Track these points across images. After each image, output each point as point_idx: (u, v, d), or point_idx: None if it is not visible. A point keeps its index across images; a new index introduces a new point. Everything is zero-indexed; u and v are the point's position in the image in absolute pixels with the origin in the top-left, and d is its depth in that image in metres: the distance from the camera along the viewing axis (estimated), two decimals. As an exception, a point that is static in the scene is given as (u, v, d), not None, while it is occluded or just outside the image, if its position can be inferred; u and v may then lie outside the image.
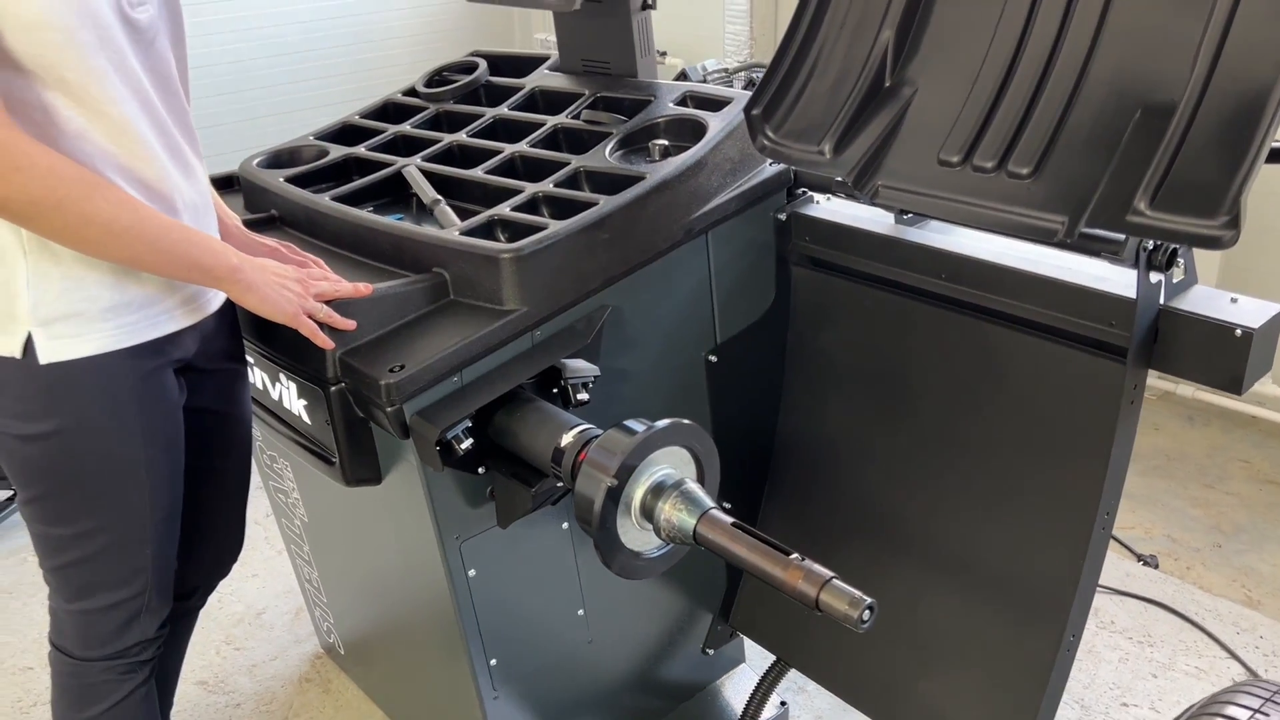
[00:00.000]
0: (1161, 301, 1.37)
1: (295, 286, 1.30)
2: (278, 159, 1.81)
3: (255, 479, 1.68)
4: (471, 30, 4.30)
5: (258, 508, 2.42)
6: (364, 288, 1.36)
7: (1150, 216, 1.18)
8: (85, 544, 1.30)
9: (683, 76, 3.48)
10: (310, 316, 1.30)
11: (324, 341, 1.32)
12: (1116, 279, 1.39)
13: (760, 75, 3.42)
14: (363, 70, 4.00)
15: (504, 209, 1.52)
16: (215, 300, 1.36)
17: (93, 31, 1.10)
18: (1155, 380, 3.06)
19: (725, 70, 3.49)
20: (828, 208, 1.70)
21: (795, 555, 1.08)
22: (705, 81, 3.47)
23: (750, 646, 2.03)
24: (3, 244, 1.15)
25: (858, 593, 1.06)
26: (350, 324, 1.34)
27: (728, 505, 1.40)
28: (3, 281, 1.16)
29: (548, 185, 1.57)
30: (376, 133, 1.86)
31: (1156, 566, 2.49)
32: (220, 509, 1.55)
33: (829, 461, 1.84)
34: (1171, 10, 1.22)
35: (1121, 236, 1.27)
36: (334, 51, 4.03)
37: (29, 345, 1.17)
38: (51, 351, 1.18)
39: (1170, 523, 2.65)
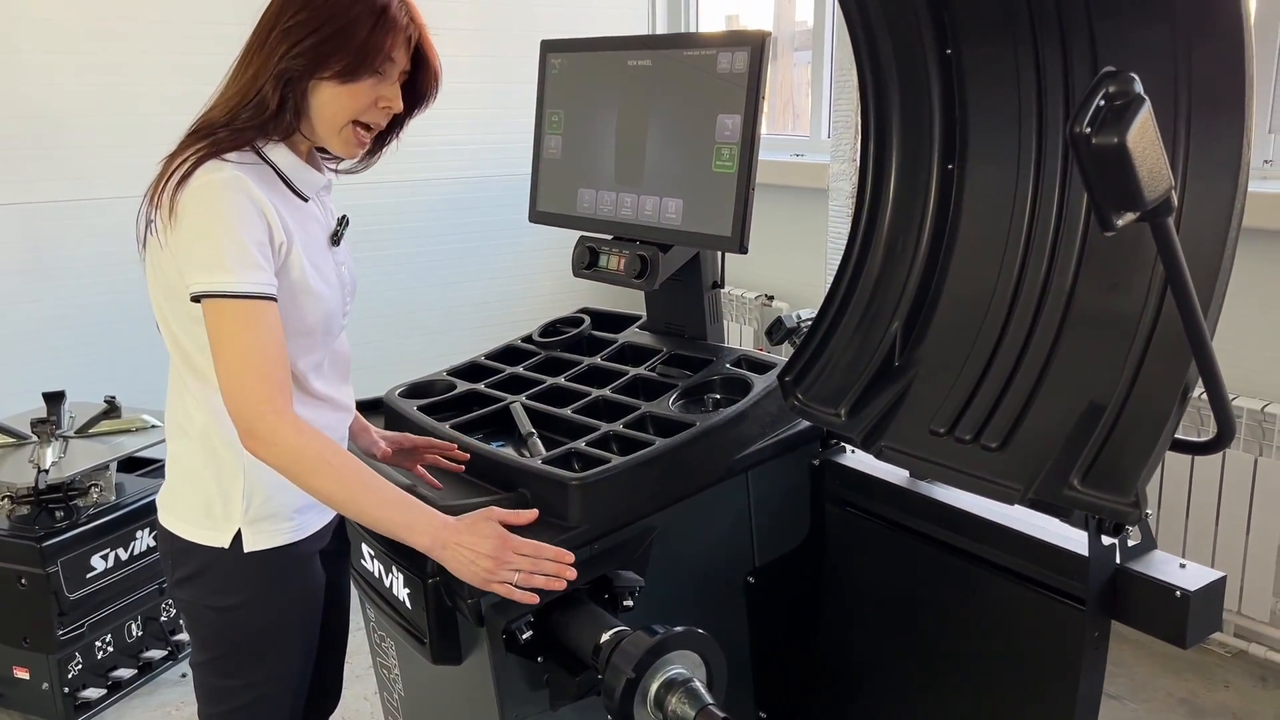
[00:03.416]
0: (1118, 561, 1.61)
1: (486, 562, 1.48)
2: (415, 389, 2.27)
3: (366, 658, 2.01)
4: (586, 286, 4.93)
5: (368, 685, 2.75)
6: (566, 554, 1.54)
7: (1080, 491, 1.46)
8: (245, 694, 1.64)
9: (778, 323, 3.91)
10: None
11: (523, 597, 1.50)
12: (1080, 538, 1.64)
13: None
14: (499, 319, 4.71)
15: (580, 443, 1.89)
16: None
17: (314, 336, 1.56)
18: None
19: (816, 319, 3.89)
20: (855, 458, 2.01)
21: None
22: (799, 328, 3.89)
23: None
24: (224, 461, 1.55)
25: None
26: (549, 583, 1.52)
27: (764, 715, 1.61)
28: (224, 490, 1.56)
29: (619, 426, 1.94)
30: (496, 371, 2.30)
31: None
32: (327, 661, 1.88)
33: (858, 680, 2.06)
34: (1106, 337, 1.54)
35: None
36: (478, 302, 4.77)
37: (237, 539, 1.57)
38: (253, 544, 1.57)
39: (1230, 783, 2.67)
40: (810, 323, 3.95)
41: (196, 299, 1.43)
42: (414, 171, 4.30)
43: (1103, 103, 1.12)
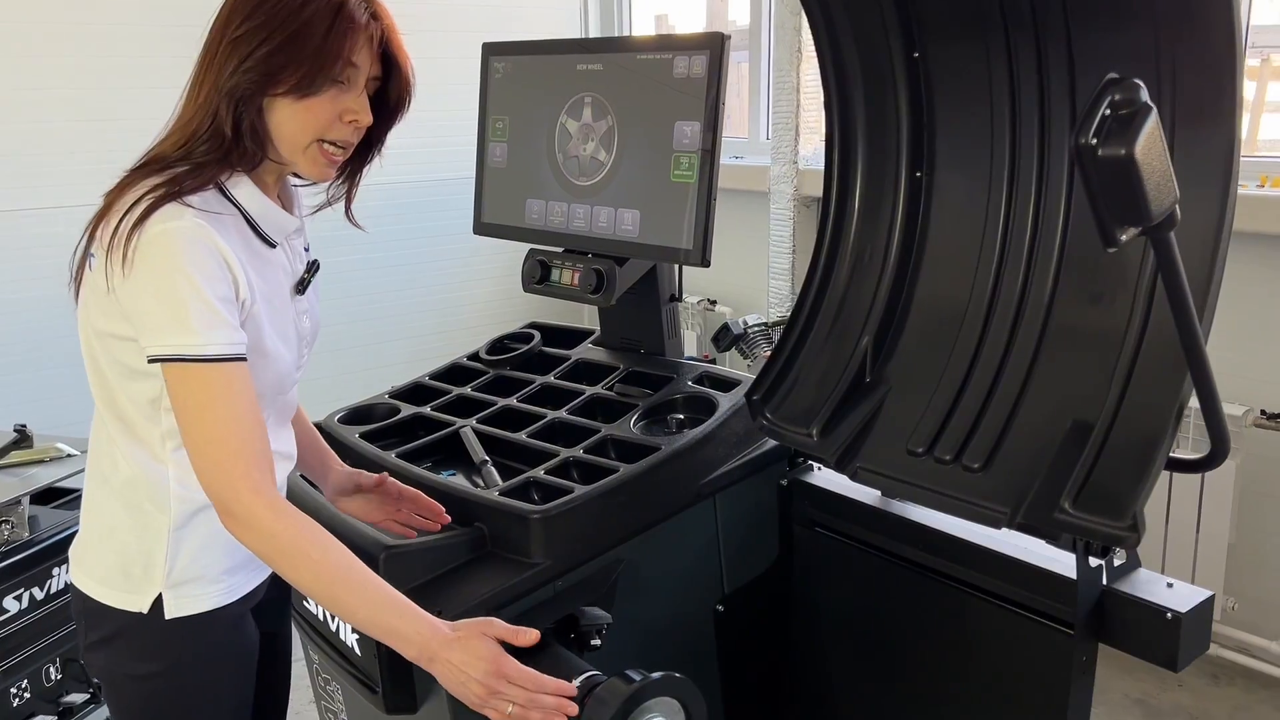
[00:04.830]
0: (1104, 582, 1.56)
1: (477, 687, 1.28)
2: (356, 414, 2.13)
3: (306, 691, 1.88)
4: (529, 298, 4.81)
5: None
6: (568, 687, 1.34)
7: (1072, 515, 1.40)
8: None
9: (725, 329, 3.84)
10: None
11: None
12: (1065, 560, 1.58)
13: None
14: (442, 332, 4.55)
15: (539, 471, 1.78)
16: None
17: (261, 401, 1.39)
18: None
19: (764, 324, 3.84)
20: (824, 477, 1.94)
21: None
22: (746, 334, 3.82)
23: None
24: (149, 519, 1.40)
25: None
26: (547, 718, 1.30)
27: None
28: (145, 551, 1.41)
29: (579, 451, 1.84)
30: (443, 393, 2.17)
31: (1173, 830, 2.50)
32: (268, 716, 1.75)
33: (832, 707, 1.99)
34: (1089, 351, 1.48)
35: (1054, 528, 1.48)
36: (419, 317, 4.61)
37: (157, 603, 1.41)
38: (175, 609, 1.41)
39: (1191, 785, 2.67)
40: (758, 328, 3.89)
41: (155, 360, 1.28)
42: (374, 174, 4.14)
43: (1108, 112, 1.05)
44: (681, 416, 1.92)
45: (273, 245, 1.41)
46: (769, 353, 3.73)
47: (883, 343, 1.75)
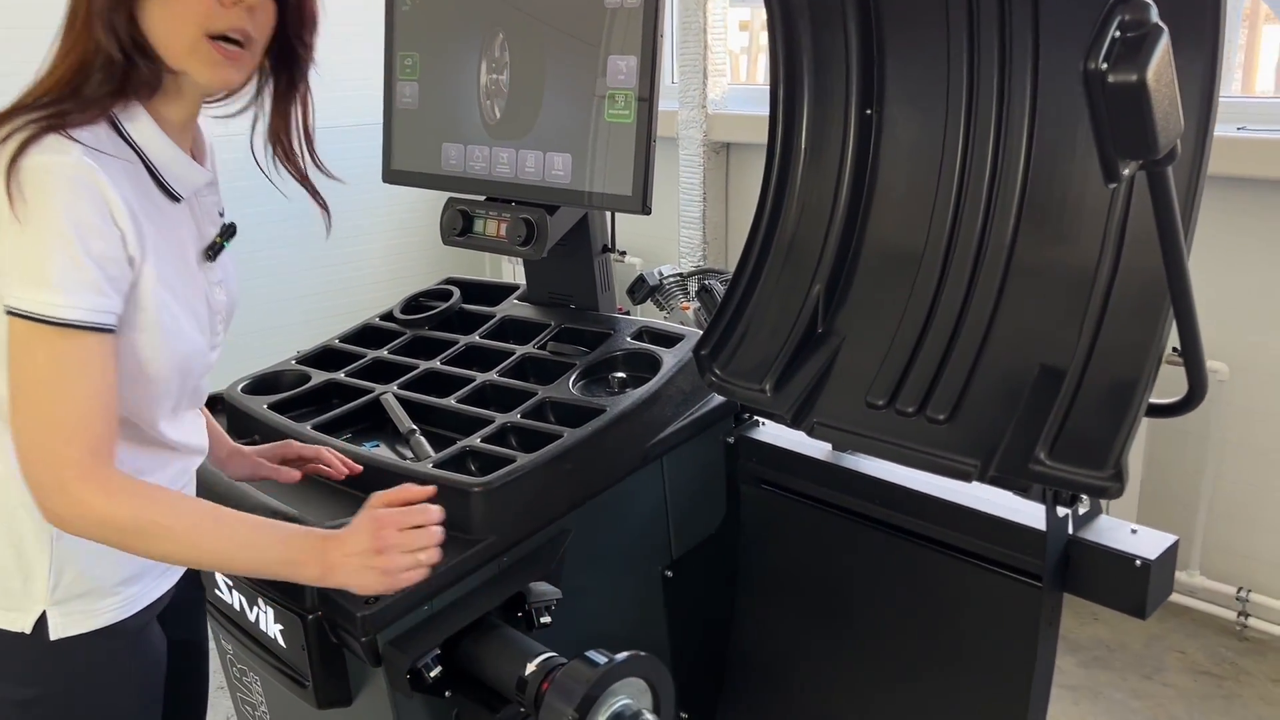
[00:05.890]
0: (1070, 531, 1.52)
1: (375, 561, 1.22)
2: (262, 383, 1.94)
3: (218, 679, 1.71)
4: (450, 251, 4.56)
5: (218, 712, 2.43)
6: (429, 490, 1.31)
7: (1049, 466, 1.34)
8: None
9: (640, 281, 3.72)
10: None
11: (418, 576, 1.26)
12: (1029, 510, 1.54)
13: (713, 281, 3.65)
14: (345, 291, 4.27)
15: (475, 440, 1.65)
16: None
17: (165, 383, 1.21)
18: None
19: (680, 275, 3.74)
20: (771, 432, 1.85)
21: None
22: (662, 285, 3.72)
23: None
24: (26, 530, 1.20)
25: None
26: (434, 556, 1.26)
27: (685, 715, 1.48)
28: (24, 566, 1.21)
29: (516, 416, 1.71)
30: (356, 356, 2.00)
31: (1101, 762, 2.55)
32: None
33: (780, 671, 1.93)
34: (1055, 294, 1.42)
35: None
36: (318, 273, 4.32)
37: (41, 622, 1.21)
38: (62, 629, 1.22)
39: (1114, 716, 2.74)
40: (674, 279, 3.79)
41: (10, 314, 1.09)
42: (235, 122, 3.85)
43: (1117, 34, 0.97)
44: (623, 375, 1.80)
45: (176, 199, 1.23)
46: (686, 304, 3.65)
47: (835, 291, 1.67)
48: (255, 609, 1.58)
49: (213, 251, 1.29)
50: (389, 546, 1.22)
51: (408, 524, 1.24)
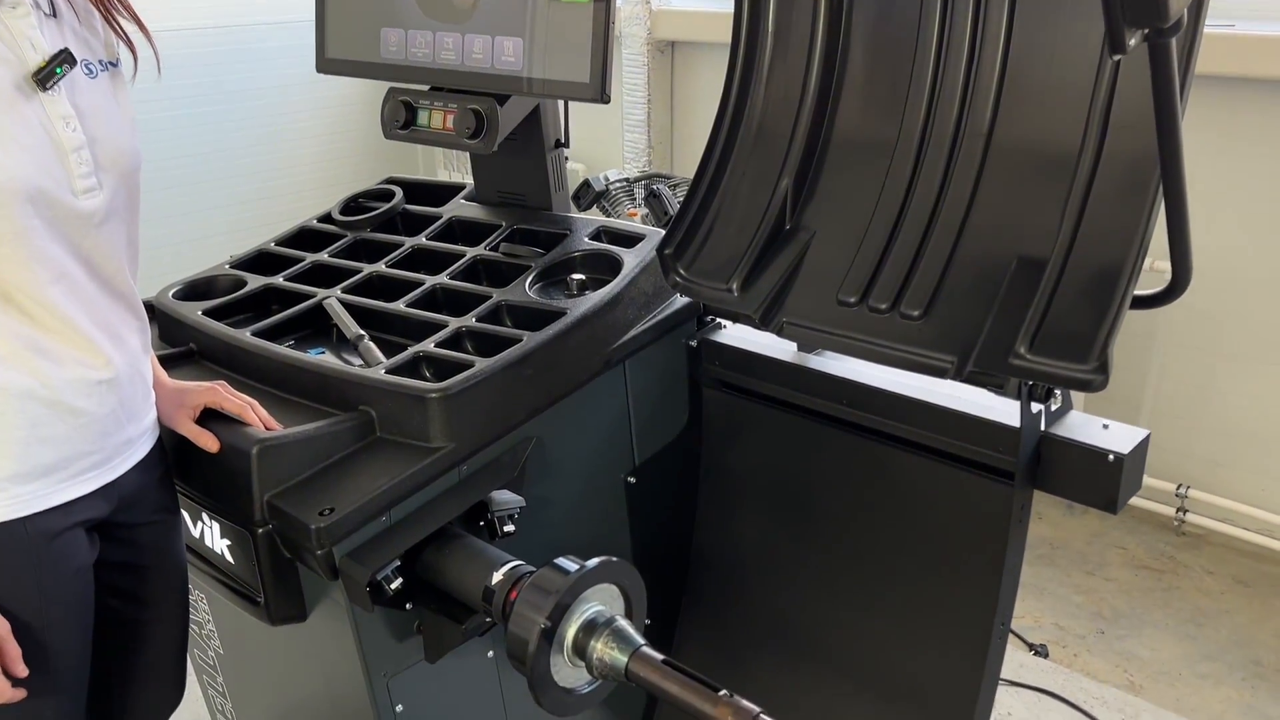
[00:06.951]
0: (1043, 428, 1.50)
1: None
2: (194, 289, 1.82)
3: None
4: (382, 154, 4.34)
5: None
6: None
7: (1030, 360, 1.30)
8: None
9: (585, 186, 3.61)
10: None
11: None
12: (1001, 407, 1.51)
13: (661, 186, 3.54)
14: (275, 196, 4.06)
15: (429, 345, 1.56)
16: (130, 459, 1.32)
17: (10, 224, 1.10)
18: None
19: (627, 180, 3.63)
20: (735, 334, 1.80)
21: (724, 692, 1.14)
22: (608, 190, 3.61)
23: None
24: None
25: (783, 725, 1.12)
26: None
27: (647, 621, 1.44)
28: None
29: (470, 320, 1.62)
30: (294, 260, 1.88)
31: (1047, 656, 2.62)
32: (154, 661, 1.48)
33: (742, 574, 1.91)
34: (1035, 182, 1.37)
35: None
36: (244, 175, 4.09)
37: None
38: None
39: (1057, 610, 2.80)
40: (620, 184, 3.68)
41: None
42: (165, 18, 3.60)
43: (1132, -116, 0.90)
44: (582, 277, 1.72)
45: None
46: (633, 211, 3.55)
47: (804, 184, 1.60)
48: (199, 524, 1.50)
49: (43, 79, 1.15)
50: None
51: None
